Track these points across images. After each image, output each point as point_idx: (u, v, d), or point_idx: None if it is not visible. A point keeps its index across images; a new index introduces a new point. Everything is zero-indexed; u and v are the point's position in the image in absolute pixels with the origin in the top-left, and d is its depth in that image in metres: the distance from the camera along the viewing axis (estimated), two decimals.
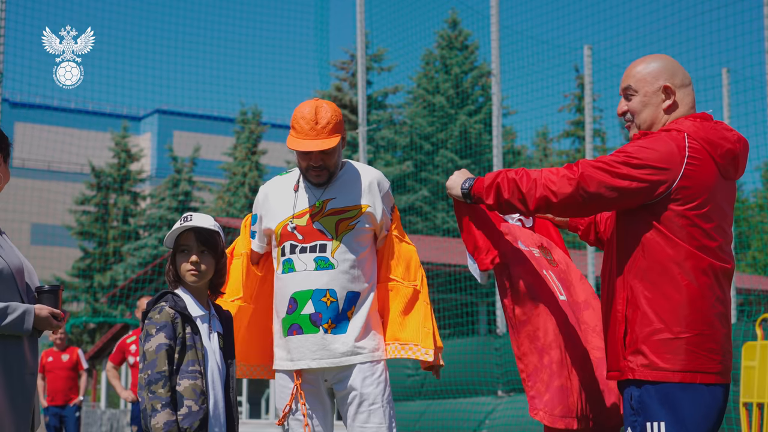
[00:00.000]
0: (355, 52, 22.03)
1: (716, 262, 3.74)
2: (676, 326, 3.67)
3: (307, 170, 4.75)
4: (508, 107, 33.00)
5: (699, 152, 3.72)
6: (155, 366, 4.16)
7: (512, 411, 13.46)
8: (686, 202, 3.69)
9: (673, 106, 3.88)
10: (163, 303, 4.28)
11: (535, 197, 3.76)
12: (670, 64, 3.93)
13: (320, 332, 4.69)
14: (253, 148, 40.31)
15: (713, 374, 3.68)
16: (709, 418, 3.69)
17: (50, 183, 41.24)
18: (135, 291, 26.64)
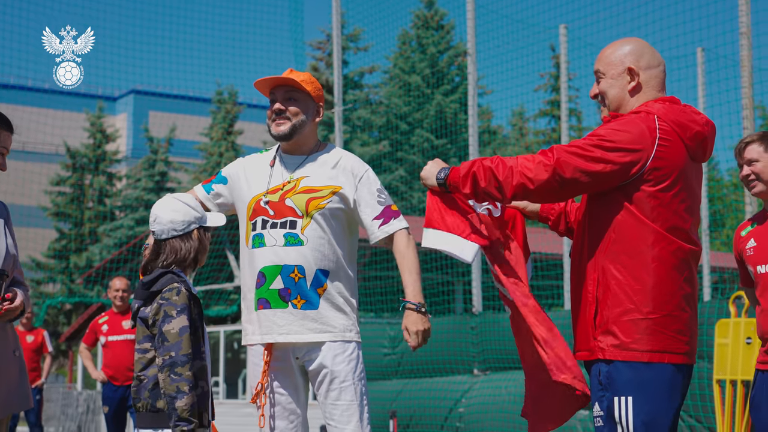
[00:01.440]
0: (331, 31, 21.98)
1: (685, 245, 3.81)
2: (645, 307, 3.73)
3: (271, 121, 4.84)
4: (484, 87, 32.98)
5: (669, 134, 3.78)
6: (180, 348, 4.16)
7: (489, 390, 13.52)
8: (657, 182, 3.74)
9: (637, 87, 3.94)
10: (177, 284, 4.27)
11: (512, 185, 3.80)
12: (639, 46, 3.99)
13: (289, 307, 4.72)
14: (229, 128, 40.20)
15: (681, 354, 3.77)
16: (674, 397, 3.77)
17: (25, 164, 41.01)
18: (111, 271, 26.56)
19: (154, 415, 4.24)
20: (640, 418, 3.70)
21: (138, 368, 4.30)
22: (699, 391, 11.56)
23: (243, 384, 24.95)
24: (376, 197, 4.84)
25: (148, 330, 4.29)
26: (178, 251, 4.37)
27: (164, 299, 4.23)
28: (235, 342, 29.71)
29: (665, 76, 4.02)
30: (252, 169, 4.94)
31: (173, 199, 4.43)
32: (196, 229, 4.40)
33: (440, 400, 14.04)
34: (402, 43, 35.08)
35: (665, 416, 3.74)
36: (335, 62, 16.08)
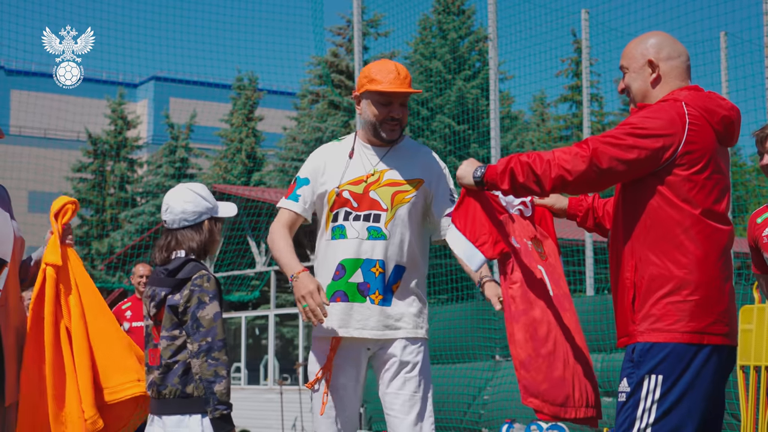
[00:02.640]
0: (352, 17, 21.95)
1: (721, 226, 3.84)
2: (684, 290, 3.78)
3: (383, 122, 4.77)
4: (505, 72, 32.88)
5: (698, 118, 3.83)
6: (216, 333, 4.21)
7: (511, 377, 13.51)
8: (691, 166, 3.79)
9: (658, 78, 4.01)
10: (205, 271, 4.31)
11: (551, 177, 3.86)
12: (659, 39, 4.07)
13: (367, 302, 4.71)
14: (250, 115, 40.19)
15: (720, 335, 3.79)
16: (711, 379, 3.78)
17: (47, 150, 41.15)
18: (132, 258, 26.66)
19: (182, 401, 4.27)
20: (667, 398, 3.73)
21: (167, 355, 4.31)
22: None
23: (264, 370, 25.02)
24: (449, 196, 4.88)
25: (176, 317, 4.28)
26: (191, 240, 4.39)
27: (196, 286, 4.26)
28: (256, 328, 29.79)
29: (688, 66, 4.09)
30: (332, 160, 4.89)
31: (186, 189, 4.45)
32: (207, 220, 4.41)
33: (463, 387, 14.05)
34: (422, 28, 34.98)
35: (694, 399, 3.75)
36: (355, 48, 16.05)
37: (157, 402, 4.34)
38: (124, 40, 38.52)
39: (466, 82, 33.02)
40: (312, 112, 35.48)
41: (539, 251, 4.53)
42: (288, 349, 32.05)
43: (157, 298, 4.38)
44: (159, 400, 4.33)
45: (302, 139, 33.94)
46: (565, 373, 4.29)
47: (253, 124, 40.05)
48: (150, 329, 4.51)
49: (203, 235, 4.40)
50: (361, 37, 16.14)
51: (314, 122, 33.58)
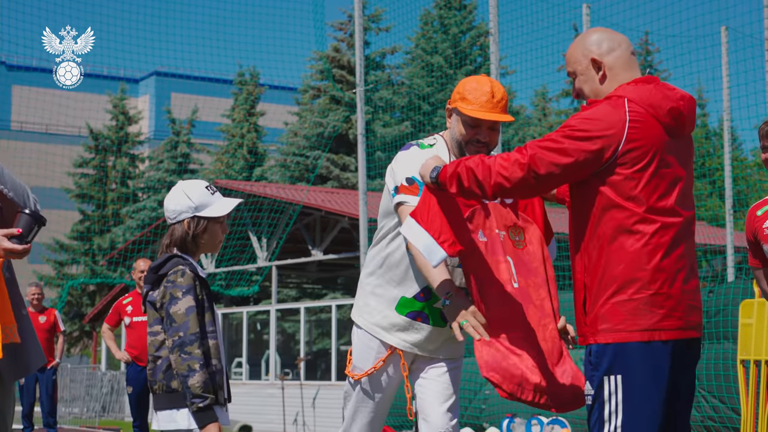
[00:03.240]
0: (353, 12, 21.94)
1: (670, 219, 3.84)
2: (630, 288, 3.79)
3: (469, 143, 4.69)
4: (507, 67, 32.89)
5: (640, 115, 3.82)
6: (188, 328, 4.25)
7: None
8: (633, 164, 3.79)
9: (605, 75, 4.01)
10: (182, 266, 4.37)
11: (490, 184, 3.89)
12: (597, 34, 4.08)
13: (446, 328, 4.75)
14: (251, 110, 40.18)
15: (673, 330, 3.79)
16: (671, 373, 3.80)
17: (48, 146, 41.14)
18: (134, 253, 26.67)
19: (170, 396, 4.34)
20: (628, 397, 3.75)
21: (152, 350, 4.40)
22: (723, 372, 11.53)
23: (266, 365, 25.04)
24: None
25: (157, 313, 4.40)
26: (174, 236, 4.49)
27: (169, 282, 4.35)
28: (257, 323, 29.79)
29: (632, 52, 4.08)
30: None
31: (176, 188, 4.55)
32: (187, 219, 4.45)
33: (465, 382, 14.04)
34: (424, 23, 34.99)
35: (656, 395, 3.78)
36: (357, 43, 16.05)
37: (153, 397, 4.43)
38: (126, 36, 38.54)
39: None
40: (313, 107, 35.47)
41: (516, 239, 4.53)
42: (289, 345, 32.07)
43: (142, 295, 4.50)
44: (154, 396, 4.42)
45: (303, 134, 33.94)
46: (519, 361, 4.35)
47: (255, 120, 40.05)
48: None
49: (182, 231, 4.46)
50: (362, 32, 16.14)
51: (316, 117, 33.57)
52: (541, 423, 12.18)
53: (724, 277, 16.10)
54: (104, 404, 26.97)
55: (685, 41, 17.44)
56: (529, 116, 39.78)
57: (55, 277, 40.75)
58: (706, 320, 11.97)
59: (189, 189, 4.50)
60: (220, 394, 4.33)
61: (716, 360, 11.66)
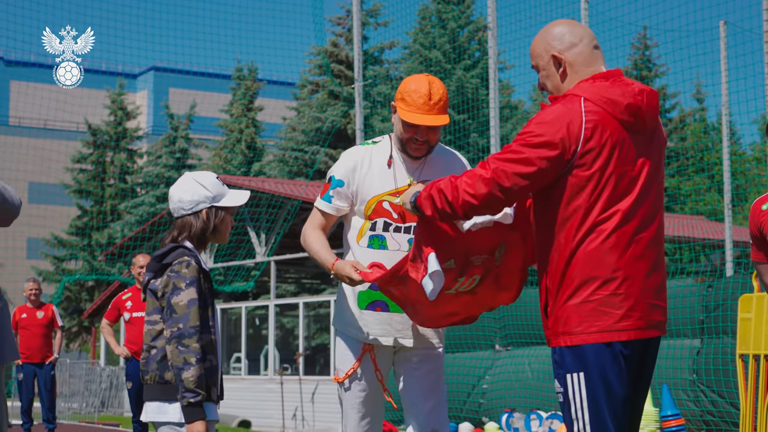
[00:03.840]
0: (351, 7, 21.91)
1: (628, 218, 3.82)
2: (587, 289, 3.79)
3: (408, 142, 4.79)
4: (505, 62, 32.87)
5: (597, 113, 3.79)
6: (188, 320, 4.20)
7: (511, 366, 13.53)
8: (592, 164, 3.77)
9: (565, 71, 3.98)
10: (187, 257, 4.31)
11: (459, 203, 3.89)
12: (559, 29, 4.04)
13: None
14: (249, 105, 40.17)
15: (630, 331, 3.79)
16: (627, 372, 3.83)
17: (46, 141, 41.18)
18: (132, 249, 26.65)
19: (162, 387, 4.28)
20: (591, 394, 3.78)
21: (148, 340, 4.34)
22: (722, 366, 11.53)
23: (265, 360, 25.04)
24: None
25: (157, 302, 4.33)
26: (191, 227, 4.41)
27: (174, 272, 4.28)
28: (256, 318, 29.79)
29: (594, 46, 4.03)
30: (369, 166, 4.88)
31: (187, 178, 4.48)
32: (206, 209, 4.41)
33: (463, 377, 14.06)
34: (422, 18, 34.94)
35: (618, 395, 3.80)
36: (355, 38, 16.03)
37: (144, 387, 4.36)
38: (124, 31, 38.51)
39: (466, 72, 32.98)
40: (312, 102, 35.46)
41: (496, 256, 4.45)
42: (288, 340, 32.07)
43: (143, 283, 4.43)
44: (145, 386, 4.35)
45: (302, 129, 33.92)
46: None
47: (253, 115, 40.04)
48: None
49: (200, 222, 4.41)
50: (360, 27, 16.13)
51: (314, 112, 33.55)
52: (540, 417, 12.17)
53: (723, 272, 16.10)
54: (103, 399, 26.98)
55: (683, 36, 17.43)
56: (528, 111, 39.77)
57: (54, 272, 40.74)
58: (705, 315, 11.98)
59: (202, 179, 4.45)
60: (213, 390, 4.29)
61: (715, 354, 11.67)
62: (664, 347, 12.03)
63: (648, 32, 35.28)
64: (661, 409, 10.57)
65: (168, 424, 4.27)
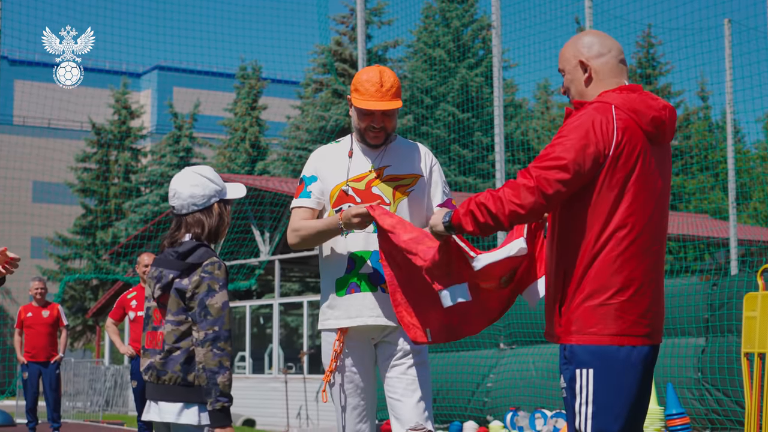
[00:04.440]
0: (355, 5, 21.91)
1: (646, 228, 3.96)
2: (603, 294, 3.91)
3: (366, 131, 5.00)
4: (509, 60, 32.84)
5: (626, 122, 3.94)
6: (223, 323, 4.16)
7: (516, 364, 13.52)
8: (619, 170, 3.91)
9: (590, 77, 4.12)
10: (215, 258, 4.25)
11: (505, 214, 3.97)
12: (590, 38, 4.20)
13: (378, 291, 4.90)
14: (254, 104, 40.19)
15: (639, 337, 3.93)
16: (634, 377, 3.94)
17: (50, 140, 41.16)
18: (137, 247, 26.67)
19: (183, 389, 4.21)
20: (598, 389, 3.89)
21: (171, 340, 4.24)
22: (727, 365, 11.51)
23: (269, 359, 25.05)
24: (442, 187, 5.12)
25: (183, 302, 4.25)
26: (203, 224, 4.35)
27: (207, 272, 4.20)
28: (260, 317, 29.81)
29: (621, 60, 4.17)
30: (331, 159, 5.09)
31: (192, 173, 4.38)
32: (216, 203, 4.37)
33: (467, 375, 14.06)
34: (426, 16, 34.94)
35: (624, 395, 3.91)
36: (359, 36, 16.04)
37: (155, 387, 4.28)
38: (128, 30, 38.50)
39: (470, 70, 32.98)
40: (316, 100, 35.47)
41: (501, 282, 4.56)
42: (292, 338, 32.09)
43: (164, 281, 4.29)
44: (157, 385, 4.26)
45: (306, 128, 33.93)
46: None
47: (257, 113, 40.06)
48: (151, 311, 4.40)
49: (213, 218, 4.33)
50: (364, 26, 16.12)
51: (318, 111, 33.56)
52: (545, 416, 12.17)
53: (728, 270, 16.09)
54: (108, 398, 26.99)
55: (687, 34, 17.40)
56: (531, 109, 39.76)
57: (58, 271, 40.77)
58: (710, 313, 11.96)
59: (207, 173, 4.36)
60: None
61: (720, 353, 11.65)
62: (669, 346, 12.01)
63: (652, 30, 35.24)
64: (666, 408, 10.55)
65: (186, 426, 4.22)
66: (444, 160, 30.35)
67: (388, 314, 4.88)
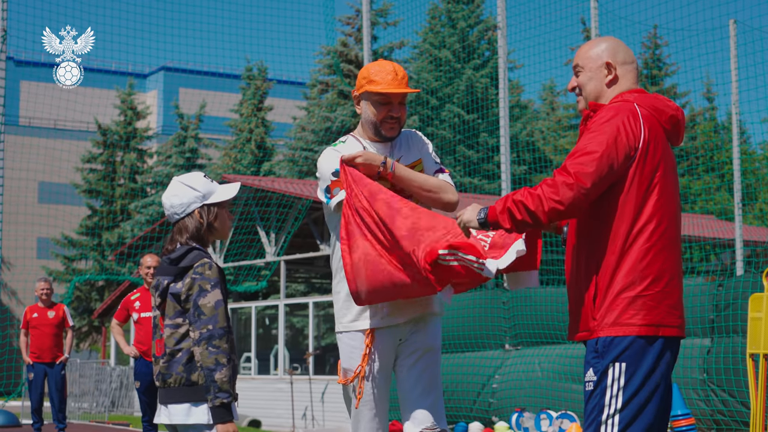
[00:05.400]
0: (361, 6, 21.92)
1: (672, 221, 4.09)
2: (638, 285, 3.99)
3: (383, 122, 5.04)
4: (515, 61, 32.84)
5: (649, 118, 4.08)
6: (217, 321, 4.25)
7: (521, 365, 13.51)
8: (645, 164, 4.02)
9: (614, 80, 4.25)
10: (206, 259, 4.37)
11: (545, 211, 4.02)
12: (614, 44, 4.31)
13: None
14: (259, 105, 40.22)
15: (674, 327, 4.04)
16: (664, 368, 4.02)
17: (57, 141, 41.25)
18: (142, 248, 26.69)
19: (188, 389, 4.30)
20: (630, 384, 3.95)
21: (171, 343, 4.35)
22: (732, 366, 11.51)
23: (275, 360, 25.05)
24: (434, 161, 5.20)
25: (179, 305, 4.35)
26: (186, 229, 4.47)
27: (198, 274, 4.32)
28: (266, 318, 29.81)
29: (638, 73, 4.33)
30: None
31: (175, 183, 4.52)
32: (197, 209, 4.44)
33: (473, 376, 14.05)
34: (431, 17, 34.95)
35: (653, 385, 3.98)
36: (365, 37, 16.04)
37: (164, 391, 4.36)
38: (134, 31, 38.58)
39: (476, 72, 32.97)
40: (321, 101, 35.48)
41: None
42: (298, 339, 32.10)
43: (161, 288, 4.43)
44: (165, 389, 4.35)
45: (312, 128, 33.95)
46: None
47: (263, 114, 40.09)
48: (157, 320, 4.54)
49: (194, 223, 4.45)
50: (370, 27, 16.13)
51: (324, 112, 33.58)
52: (550, 417, 12.17)
53: (734, 271, 16.08)
54: (113, 399, 27.02)
55: (693, 34, 17.42)
56: (537, 110, 39.74)
57: (64, 272, 40.82)
58: (716, 314, 11.96)
59: (190, 181, 4.50)
60: (233, 390, 4.32)
61: (725, 354, 11.64)
62: None
63: (658, 31, 35.25)
64: (671, 409, 10.55)
65: (196, 426, 4.30)
66: (450, 161, 30.35)
67: (418, 305, 4.93)
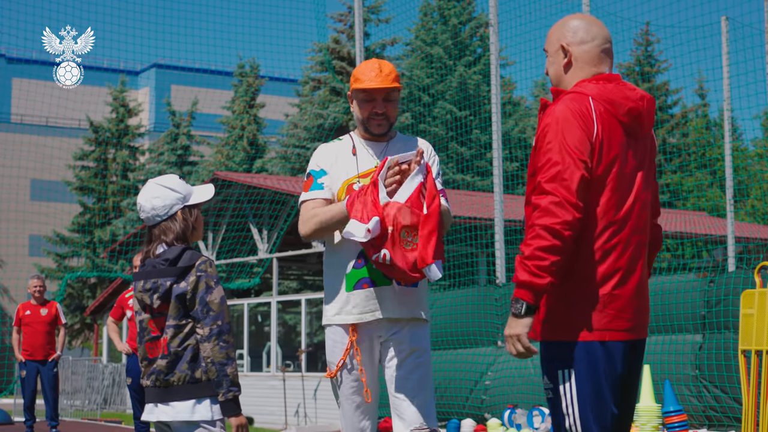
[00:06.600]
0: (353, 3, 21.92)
1: (625, 221, 3.87)
2: (584, 288, 3.81)
3: (369, 118, 5.03)
4: (507, 58, 32.87)
5: (603, 114, 3.85)
6: (224, 317, 4.34)
7: (514, 362, 13.53)
8: (600, 163, 3.82)
9: (569, 63, 4.03)
10: (204, 257, 4.42)
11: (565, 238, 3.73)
12: (576, 22, 4.08)
13: (393, 284, 4.89)
14: (252, 102, 40.18)
15: (621, 332, 3.84)
16: (616, 371, 3.85)
17: (48, 138, 41.16)
18: (135, 246, 26.66)
19: (192, 386, 4.35)
20: (581, 389, 3.81)
21: (176, 344, 4.38)
22: (724, 362, 11.54)
23: (267, 357, 25.06)
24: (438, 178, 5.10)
25: (183, 306, 4.39)
26: (171, 231, 4.49)
27: (201, 271, 4.37)
28: (258, 315, 29.81)
29: (605, 49, 4.04)
30: (337, 155, 5.09)
31: (153, 185, 4.52)
32: (180, 210, 4.46)
33: (465, 373, 14.07)
34: (423, 14, 34.95)
35: (606, 389, 3.83)
36: (357, 34, 16.04)
37: (164, 390, 4.37)
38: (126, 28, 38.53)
39: (468, 68, 32.98)
40: (314, 98, 35.46)
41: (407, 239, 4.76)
42: (290, 336, 32.09)
43: (162, 290, 4.41)
44: (165, 388, 4.37)
45: (304, 125, 33.93)
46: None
47: (255, 111, 40.06)
48: (146, 323, 4.51)
49: (178, 224, 4.46)
50: (362, 24, 16.13)
51: (316, 109, 33.56)
52: (543, 413, 12.18)
53: (725, 268, 16.11)
54: (106, 396, 27.00)
55: (685, 31, 17.43)
56: (529, 107, 39.76)
57: (56, 269, 40.77)
58: (707, 310, 11.99)
59: (169, 182, 4.51)
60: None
61: (717, 350, 11.67)
62: (666, 342, 12.04)
63: (650, 28, 35.27)
64: (664, 405, 10.58)
65: (200, 423, 4.35)
66: (442, 158, 30.35)
67: (402, 308, 4.91)
